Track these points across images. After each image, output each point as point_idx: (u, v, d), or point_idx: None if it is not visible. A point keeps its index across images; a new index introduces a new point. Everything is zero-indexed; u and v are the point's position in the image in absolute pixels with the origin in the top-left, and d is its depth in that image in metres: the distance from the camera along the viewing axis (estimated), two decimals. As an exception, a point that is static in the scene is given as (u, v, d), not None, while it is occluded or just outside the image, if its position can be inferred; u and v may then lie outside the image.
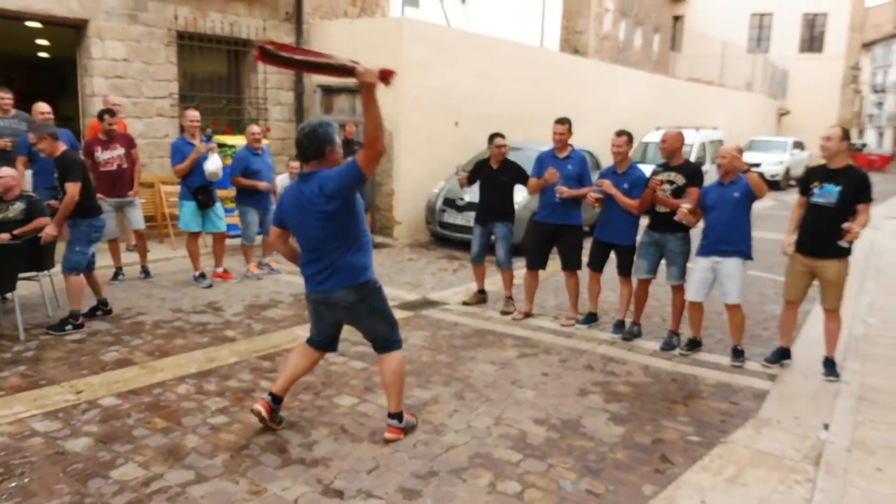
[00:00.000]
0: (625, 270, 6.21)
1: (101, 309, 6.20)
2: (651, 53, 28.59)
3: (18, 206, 5.93)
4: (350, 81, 10.71)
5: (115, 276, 7.41)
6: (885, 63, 57.09)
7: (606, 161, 8.16)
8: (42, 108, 7.33)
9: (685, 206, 5.46)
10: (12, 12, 8.02)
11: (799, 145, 23.10)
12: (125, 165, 7.29)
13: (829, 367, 5.30)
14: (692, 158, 14.28)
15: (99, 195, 7.13)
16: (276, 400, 4.07)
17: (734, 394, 4.97)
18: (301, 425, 4.20)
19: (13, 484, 3.43)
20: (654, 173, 5.83)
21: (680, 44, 31.32)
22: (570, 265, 6.51)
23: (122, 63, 8.99)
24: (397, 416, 4.05)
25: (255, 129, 7.74)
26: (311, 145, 3.72)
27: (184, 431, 4.06)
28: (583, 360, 5.58)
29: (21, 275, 5.68)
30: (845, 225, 4.89)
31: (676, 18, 31.47)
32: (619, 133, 6.07)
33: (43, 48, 12.94)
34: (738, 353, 5.57)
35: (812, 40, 31.15)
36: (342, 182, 3.60)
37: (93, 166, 7.13)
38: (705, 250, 5.54)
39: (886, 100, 56.80)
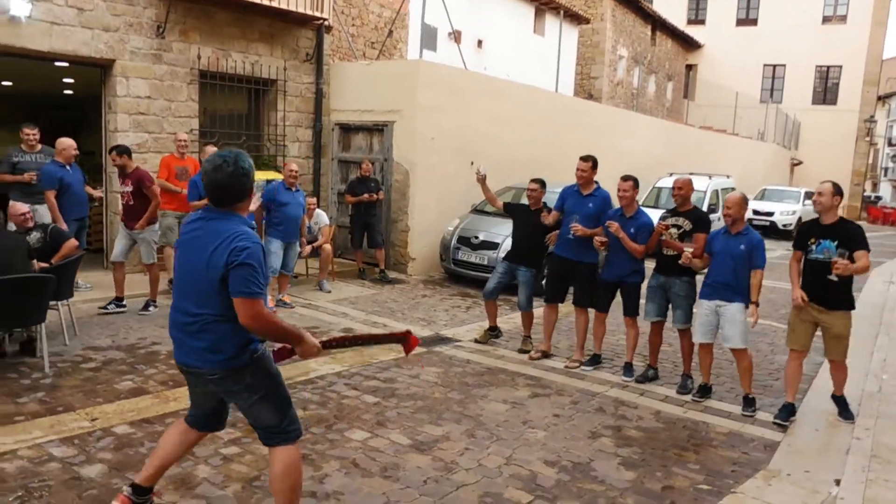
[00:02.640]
0: (630, 311, 6.25)
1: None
2: (664, 100, 28.95)
3: (36, 236, 6.14)
4: (367, 119, 10.95)
5: (146, 307, 7.51)
6: (901, 117, 57.22)
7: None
8: (68, 142, 7.48)
9: (688, 250, 5.57)
10: (43, 53, 8.27)
11: (811, 196, 23.05)
12: (132, 202, 7.34)
13: (842, 405, 5.39)
14: (704, 205, 14.36)
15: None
16: (141, 491, 3.31)
17: (745, 443, 4.94)
18: (312, 458, 4.21)
19: (28, 508, 3.47)
20: (662, 218, 5.96)
21: (693, 92, 31.68)
22: (581, 301, 6.56)
23: (144, 100, 9.21)
24: None
25: (293, 166, 8.24)
26: (239, 187, 2.96)
27: (196, 461, 4.08)
28: (594, 402, 5.57)
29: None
30: (835, 259, 4.95)
31: (689, 67, 31.91)
32: (625, 178, 6.17)
33: (68, 86, 13.27)
34: (749, 402, 5.54)
35: (826, 92, 31.37)
36: (249, 279, 2.81)
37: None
38: (708, 294, 5.58)
39: (902, 153, 56.82)
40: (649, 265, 6.11)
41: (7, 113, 15.75)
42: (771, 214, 20.44)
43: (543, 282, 7.12)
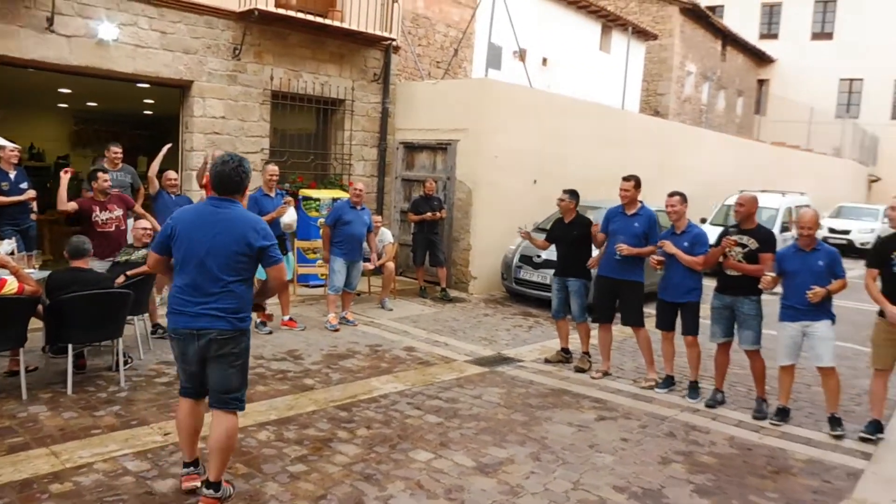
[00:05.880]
0: (690, 330, 6.12)
1: None
2: (734, 117, 28.22)
3: (142, 252, 6.30)
4: (431, 138, 11.03)
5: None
6: None
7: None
8: (171, 175, 8.04)
9: (770, 275, 5.46)
10: (127, 74, 8.68)
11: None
12: (123, 227, 6.89)
13: None
14: (777, 223, 13.90)
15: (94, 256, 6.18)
16: (195, 463, 3.94)
17: (826, 471, 4.71)
18: (377, 478, 4.20)
19: (104, 518, 3.57)
20: (726, 234, 5.82)
21: (765, 107, 30.81)
22: (629, 320, 6.54)
23: (219, 120, 9.52)
24: (215, 485, 3.68)
25: (359, 185, 8.30)
26: (241, 180, 3.74)
27: (264, 478, 4.13)
28: (664, 426, 5.41)
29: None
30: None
31: (761, 82, 31.06)
32: (672, 194, 6.17)
33: (148, 106, 13.85)
34: (836, 422, 5.36)
35: (905, 106, 30.01)
36: (274, 251, 3.70)
37: (91, 226, 6.56)
38: (792, 315, 5.44)
39: None
40: (709, 283, 5.98)
41: (92, 133, 16.52)
42: (848, 233, 19.62)
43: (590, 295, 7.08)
